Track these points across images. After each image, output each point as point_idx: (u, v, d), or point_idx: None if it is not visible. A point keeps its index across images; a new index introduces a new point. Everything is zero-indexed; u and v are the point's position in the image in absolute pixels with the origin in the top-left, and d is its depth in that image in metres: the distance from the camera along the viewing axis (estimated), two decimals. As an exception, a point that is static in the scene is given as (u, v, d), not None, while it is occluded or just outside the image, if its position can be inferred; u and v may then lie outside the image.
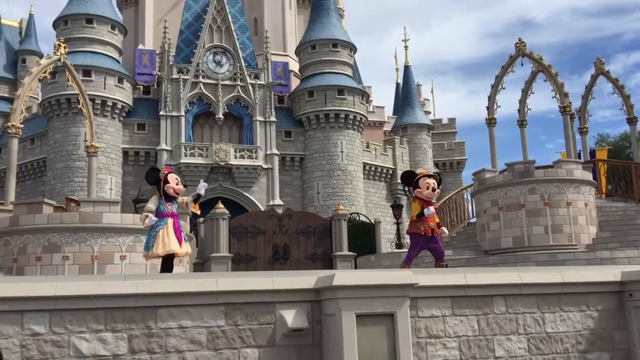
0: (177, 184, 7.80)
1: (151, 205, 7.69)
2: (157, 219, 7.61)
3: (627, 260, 12.99)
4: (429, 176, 8.07)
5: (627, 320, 6.95)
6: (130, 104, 34.39)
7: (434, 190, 7.94)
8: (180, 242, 7.65)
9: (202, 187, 8.09)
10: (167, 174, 7.79)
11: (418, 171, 8.36)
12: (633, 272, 7.05)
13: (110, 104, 32.88)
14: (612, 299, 7.06)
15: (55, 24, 34.23)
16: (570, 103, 20.87)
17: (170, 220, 7.66)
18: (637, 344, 6.82)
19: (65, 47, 21.25)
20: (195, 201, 8.13)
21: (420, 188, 7.96)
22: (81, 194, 28.26)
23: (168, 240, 7.52)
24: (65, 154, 32.26)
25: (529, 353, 6.72)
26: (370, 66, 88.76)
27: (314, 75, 36.98)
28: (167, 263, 7.73)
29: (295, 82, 39.36)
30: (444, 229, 8.41)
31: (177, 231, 7.67)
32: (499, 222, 16.28)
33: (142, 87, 35.80)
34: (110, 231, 14.96)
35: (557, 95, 20.64)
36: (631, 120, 23.08)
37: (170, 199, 7.77)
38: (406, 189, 8.33)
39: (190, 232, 18.69)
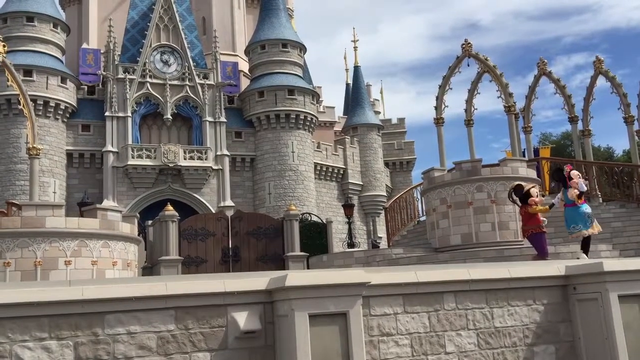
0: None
1: (553, 200, 10.19)
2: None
3: (571, 255, 13.37)
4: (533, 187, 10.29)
5: (572, 313, 7.17)
6: (74, 104, 33.41)
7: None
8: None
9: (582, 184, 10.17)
10: (569, 172, 9.77)
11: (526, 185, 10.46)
12: (576, 266, 7.27)
13: (53, 105, 31.87)
14: (557, 292, 7.26)
15: (-6, 22, 32.99)
16: (514, 103, 21.36)
17: (586, 206, 9.95)
18: (580, 336, 7.03)
19: (4, 46, 20.50)
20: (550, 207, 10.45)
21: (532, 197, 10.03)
22: (23, 198, 27.29)
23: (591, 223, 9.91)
24: (5, 156, 31.09)
25: (479, 348, 6.85)
26: (320, 67, 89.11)
27: (264, 76, 36.79)
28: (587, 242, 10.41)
29: (245, 82, 39.07)
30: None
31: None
32: (447, 220, 16.54)
33: (86, 87, 34.81)
34: (54, 236, 14.48)
35: (502, 96, 21.09)
36: (572, 120, 23.85)
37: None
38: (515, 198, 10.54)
39: (139, 235, 18.31)
